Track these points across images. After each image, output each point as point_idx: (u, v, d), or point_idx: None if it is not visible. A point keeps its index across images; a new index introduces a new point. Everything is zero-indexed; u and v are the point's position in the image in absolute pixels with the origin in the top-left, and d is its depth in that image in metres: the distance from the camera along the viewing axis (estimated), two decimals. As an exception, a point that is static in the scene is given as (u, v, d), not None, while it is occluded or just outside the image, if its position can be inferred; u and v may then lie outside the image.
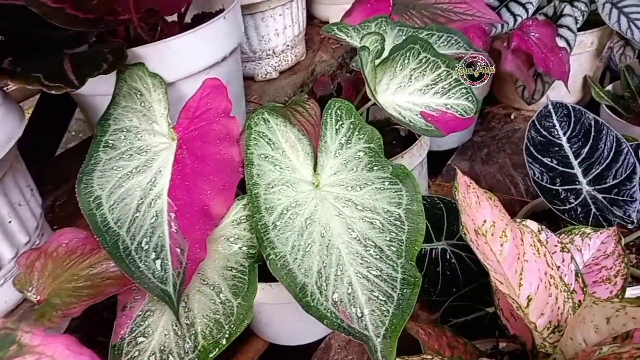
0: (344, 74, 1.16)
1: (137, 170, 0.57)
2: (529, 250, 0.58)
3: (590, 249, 0.71)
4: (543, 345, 0.54)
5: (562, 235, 0.71)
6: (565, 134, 0.89)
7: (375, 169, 0.59)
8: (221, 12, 0.74)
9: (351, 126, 0.62)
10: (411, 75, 0.72)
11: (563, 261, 0.63)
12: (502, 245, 0.57)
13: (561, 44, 1.22)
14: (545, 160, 0.86)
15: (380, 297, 0.50)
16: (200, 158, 0.58)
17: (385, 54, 0.73)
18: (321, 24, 1.37)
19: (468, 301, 0.76)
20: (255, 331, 0.86)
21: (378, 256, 0.53)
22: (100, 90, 0.65)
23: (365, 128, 0.63)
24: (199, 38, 0.69)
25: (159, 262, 0.51)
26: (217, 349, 0.51)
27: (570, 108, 0.90)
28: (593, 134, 0.87)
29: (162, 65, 0.66)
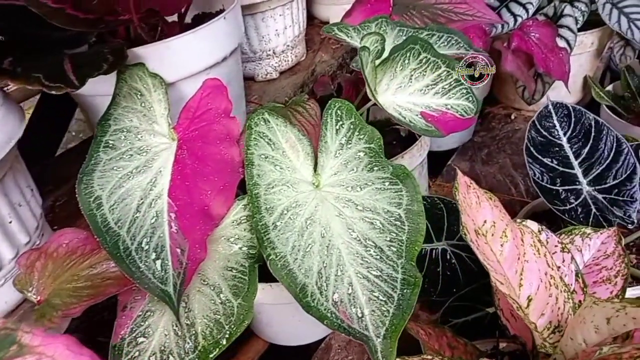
0: (344, 74, 1.16)
1: (137, 170, 0.57)
2: (529, 250, 0.58)
3: (590, 249, 0.71)
4: (543, 345, 0.54)
5: (562, 235, 0.71)
6: (565, 134, 0.89)
7: (375, 169, 0.59)
8: (221, 12, 0.74)
9: (351, 126, 0.62)
10: (411, 75, 0.72)
11: (563, 261, 0.63)
12: (502, 245, 0.57)
13: (561, 44, 1.22)
14: (545, 160, 0.86)
15: (380, 297, 0.50)
16: (200, 158, 0.58)
17: (385, 54, 0.73)
18: (321, 24, 1.37)
19: (468, 301, 0.76)
20: (256, 331, 0.86)
21: (378, 256, 0.53)
22: (100, 90, 0.65)
23: (365, 128, 0.63)
24: (199, 38, 0.69)
25: (159, 262, 0.51)
26: (217, 349, 0.51)
27: (570, 108, 0.90)
28: (593, 134, 0.87)
29: (162, 65, 0.66)
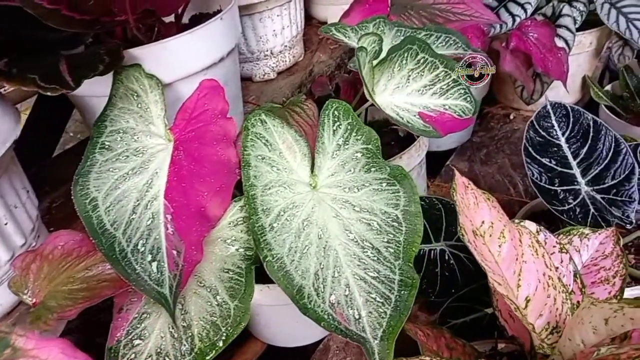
0: (341, 75, 1.16)
1: (133, 172, 0.57)
2: (527, 250, 0.58)
3: (589, 250, 0.71)
4: (541, 346, 0.54)
5: (561, 236, 0.71)
6: (563, 134, 0.88)
7: (372, 169, 0.59)
8: (218, 13, 0.74)
9: (348, 127, 0.62)
10: (409, 76, 0.72)
11: (561, 262, 0.63)
12: (500, 246, 0.57)
13: (560, 43, 1.22)
14: (543, 160, 0.86)
15: (378, 299, 0.50)
16: (196, 159, 0.58)
17: (383, 55, 0.73)
18: (319, 24, 1.37)
19: (466, 302, 0.76)
20: (253, 332, 0.85)
21: (375, 257, 0.52)
22: (96, 91, 0.65)
23: (363, 129, 0.63)
24: (196, 39, 0.69)
25: (155, 264, 0.51)
26: (214, 351, 0.51)
27: (569, 108, 0.89)
28: (591, 134, 0.87)
29: (159, 66, 0.65)
